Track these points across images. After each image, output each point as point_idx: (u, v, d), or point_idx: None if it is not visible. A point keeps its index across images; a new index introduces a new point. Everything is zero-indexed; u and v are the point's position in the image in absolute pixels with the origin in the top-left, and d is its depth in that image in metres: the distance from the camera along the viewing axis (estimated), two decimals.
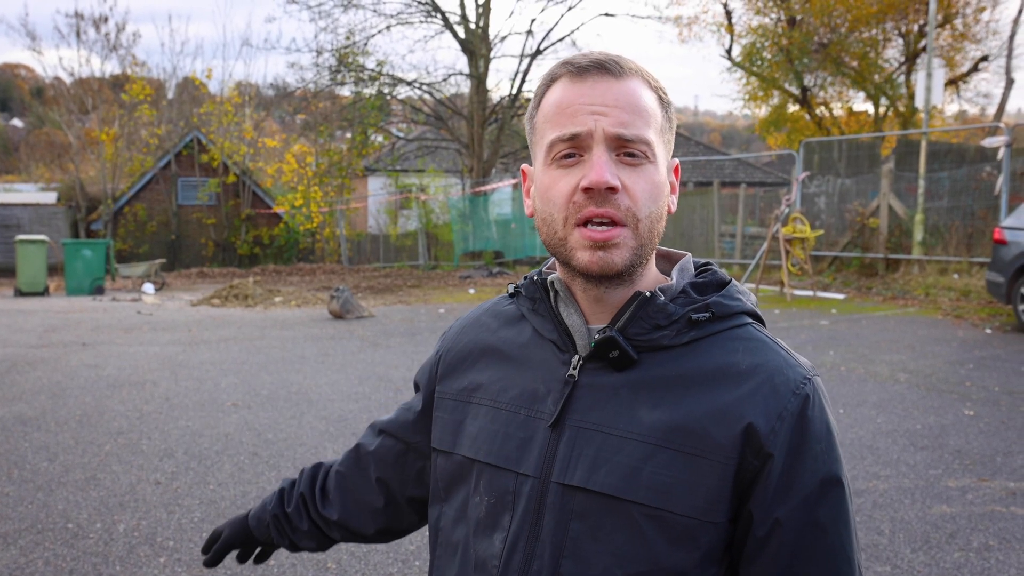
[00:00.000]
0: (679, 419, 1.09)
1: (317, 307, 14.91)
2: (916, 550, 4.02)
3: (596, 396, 1.13)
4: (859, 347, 9.22)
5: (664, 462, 1.08)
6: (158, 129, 30.92)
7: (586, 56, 1.14)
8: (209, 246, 29.67)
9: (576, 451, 1.12)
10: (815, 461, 1.09)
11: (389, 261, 27.65)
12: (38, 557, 4.02)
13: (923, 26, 23.88)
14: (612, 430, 1.11)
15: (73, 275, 19.02)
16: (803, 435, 1.09)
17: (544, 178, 1.14)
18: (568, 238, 1.12)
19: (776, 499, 1.08)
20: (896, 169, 16.17)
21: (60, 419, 6.53)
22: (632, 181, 1.09)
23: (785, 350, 1.16)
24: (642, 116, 1.10)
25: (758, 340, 1.15)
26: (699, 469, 1.07)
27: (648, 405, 1.11)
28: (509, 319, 1.29)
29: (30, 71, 68.95)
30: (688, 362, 1.13)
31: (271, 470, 5.31)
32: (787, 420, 1.08)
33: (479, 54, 23.81)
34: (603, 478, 1.09)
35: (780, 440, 1.08)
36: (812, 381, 1.13)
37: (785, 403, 1.09)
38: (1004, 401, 6.82)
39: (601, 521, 1.09)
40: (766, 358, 1.13)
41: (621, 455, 1.09)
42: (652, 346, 1.13)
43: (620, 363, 1.13)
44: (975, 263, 14.17)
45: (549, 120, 1.14)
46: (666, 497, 1.07)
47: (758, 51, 26.73)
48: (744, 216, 19.33)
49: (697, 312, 1.14)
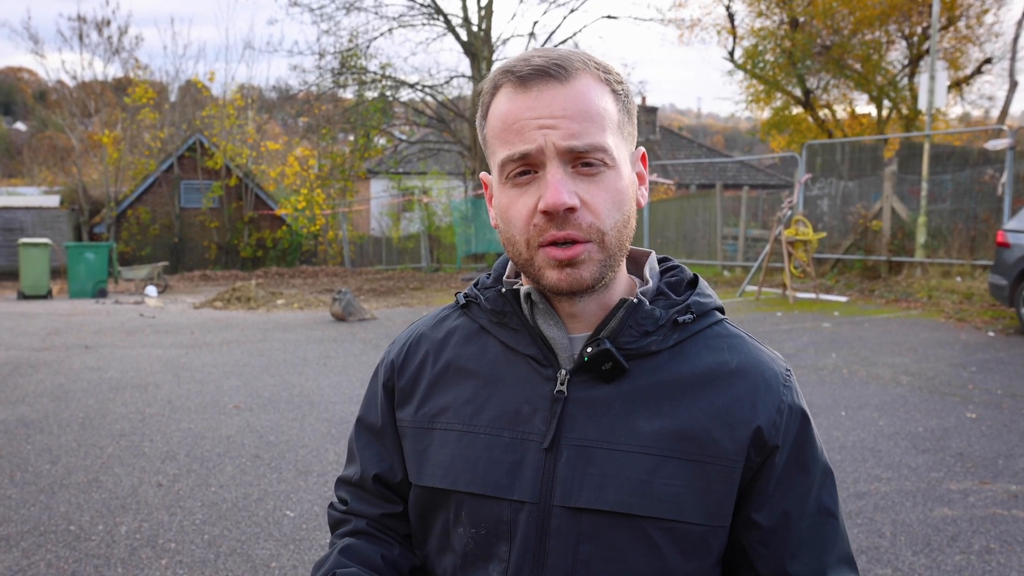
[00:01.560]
0: (681, 426, 1.06)
1: (319, 309, 14.92)
2: (917, 553, 4.01)
3: (590, 411, 1.08)
4: (861, 350, 9.21)
5: (673, 472, 1.04)
6: (161, 132, 30.98)
7: (527, 61, 1.05)
8: (212, 249, 29.72)
9: (579, 471, 1.06)
10: (816, 450, 1.14)
11: (391, 263, 27.67)
12: (40, 559, 4.02)
13: (926, 28, 23.88)
14: (614, 445, 1.06)
15: (76, 278, 19.06)
16: (804, 426, 1.12)
17: (502, 198, 1.08)
18: (534, 258, 1.06)
19: (781, 491, 1.10)
20: (899, 172, 16.15)
21: (62, 421, 6.54)
22: (592, 194, 1.03)
23: (759, 343, 1.17)
24: (595, 121, 1.02)
25: (737, 336, 1.15)
26: (708, 475, 1.06)
27: (646, 415, 1.06)
28: (466, 334, 1.21)
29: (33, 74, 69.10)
30: (678, 366, 1.09)
31: (273, 472, 5.31)
32: (785, 413, 1.11)
33: (481, 56, 23.83)
34: (613, 496, 1.04)
35: (782, 433, 1.10)
36: (791, 371, 1.16)
37: (780, 396, 1.11)
38: (1006, 404, 6.81)
39: (613, 540, 1.05)
40: (751, 354, 1.13)
41: (628, 470, 1.05)
42: (641, 353, 1.09)
43: (611, 374, 1.08)
44: (978, 266, 14.14)
45: (497, 136, 1.07)
46: (679, 508, 1.04)
47: (760, 53, 26.73)
48: (747, 218, 19.32)
49: (682, 314, 1.12)
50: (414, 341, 1.26)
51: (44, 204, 30.42)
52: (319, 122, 26.93)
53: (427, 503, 1.17)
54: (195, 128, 30.22)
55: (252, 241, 29.65)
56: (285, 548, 4.17)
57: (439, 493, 1.14)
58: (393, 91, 25.27)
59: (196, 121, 30.62)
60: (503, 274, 1.23)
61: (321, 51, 25.05)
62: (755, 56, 26.86)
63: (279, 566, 3.96)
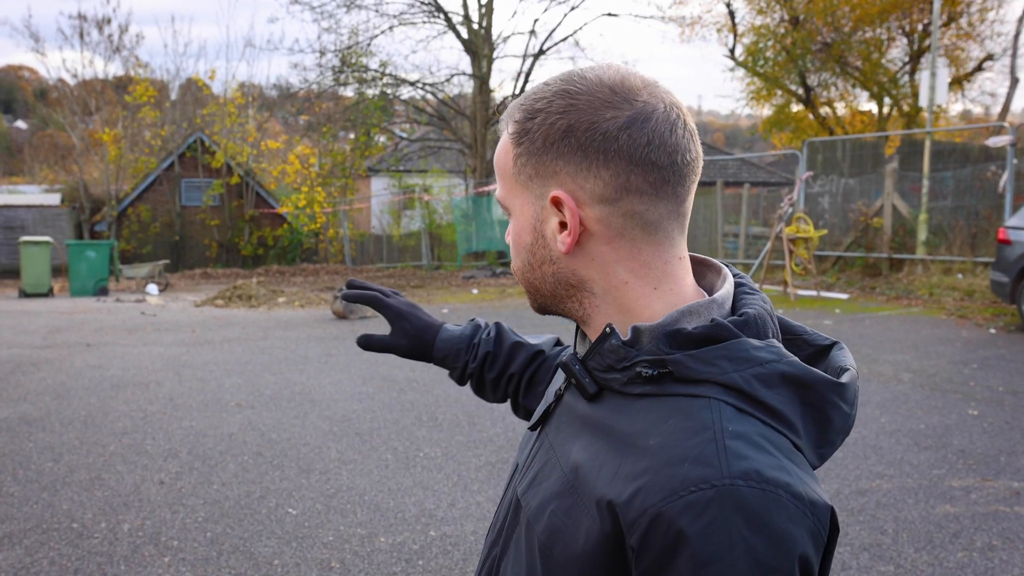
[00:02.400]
0: (583, 468, 0.97)
1: (320, 307, 14.92)
2: (920, 550, 4.02)
3: (563, 417, 1.09)
4: (863, 347, 9.21)
5: (565, 506, 0.97)
6: (161, 130, 30.99)
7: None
8: (213, 247, 29.73)
9: (534, 463, 1.09)
10: None
11: (392, 261, 27.68)
12: (43, 557, 4.03)
13: (927, 25, 23.86)
14: (555, 454, 1.05)
15: (77, 276, 19.07)
16: (673, 546, 0.84)
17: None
18: None
19: None
20: (900, 169, 16.15)
21: (65, 419, 6.55)
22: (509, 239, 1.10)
23: (721, 444, 0.87)
24: (500, 175, 1.08)
25: (696, 421, 0.90)
26: (580, 525, 0.95)
27: (582, 444, 1.01)
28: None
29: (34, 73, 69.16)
30: (624, 416, 0.98)
31: (275, 470, 5.32)
32: (650, 518, 0.86)
33: (482, 54, 23.82)
34: (530, 499, 1.04)
35: (638, 537, 0.87)
36: (720, 488, 0.84)
37: (656, 500, 0.86)
38: (1008, 401, 6.81)
39: (524, 536, 1.04)
40: (682, 443, 0.89)
41: (548, 482, 1.03)
42: (607, 386, 1.02)
43: (582, 392, 1.04)
44: (979, 263, 14.15)
45: None
46: (553, 540, 0.97)
47: (761, 51, 26.72)
48: (748, 216, 19.32)
49: (647, 367, 0.96)
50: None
51: (45, 202, 30.43)
52: (320, 120, 26.93)
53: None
54: (196, 126, 30.22)
55: (253, 239, 29.66)
56: (288, 546, 4.18)
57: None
58: (393, 89, 25.26)
59: (197, 119, 30.62)
60: None
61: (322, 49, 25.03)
62: (756, 54, 26.85)
63: (281, 564, 3.97)
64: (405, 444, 5.88)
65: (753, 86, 28.68)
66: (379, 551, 4.11)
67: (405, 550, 4.11)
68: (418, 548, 4.14)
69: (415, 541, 4.22)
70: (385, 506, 4.72)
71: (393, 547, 4.16)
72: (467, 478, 5.16)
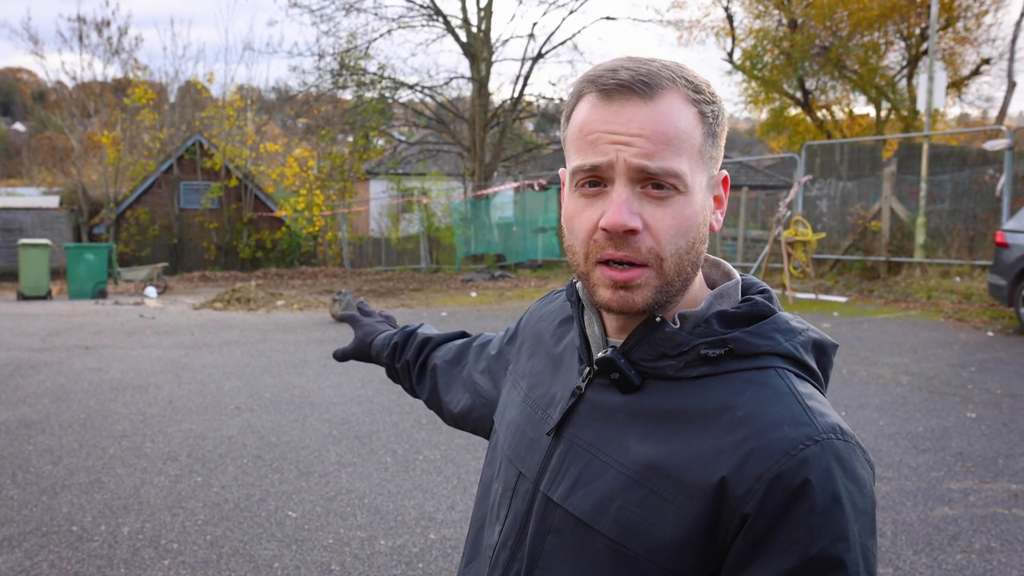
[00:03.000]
0: (661, 458, 1.00)
1: (319, 310, 14.92)
2: (918, 552, 4.03)
3: (594, 414, 1.08)
4: (861, 350, 9.23)
5: (637, 499, 1.00)
6: (160, 133, 31.00)
7: (614, 73, 1.02)
8: (211, 250, 29.73)
9: (564, 466, 1.08)
10: (803, 534, 0.92)
11: (391, 264, 27.67)
12: (43, 560, 4.03)
13: (925, 29, 23.90)
14: (599, 453, 1.06)
15: (76, 279, 19.06)
16: (791, 502, 0.92)
17: (569, 205, 1.08)
18: (590, 274, 1.05)
19: (741, 567, 0.95)
20: (898, 172, 16.18)
21: (64, 422, 6.55)
22: (657, 218, 1.01)
23: (804, 405, 0.98)
24: (672, 144, 1.00)
25: (772, 388, 1.00)
26: (666, 514, 0.98)
27: (638, 435, 1.03)
28: (562, 316, 1.31)
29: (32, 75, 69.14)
30: (689, 398, 1.03)
31: (274, 473, 5.32)
32: (768, 481, 0.93)
33: (481, 57, 23.85)
34: (579, 501, 1.05)
35: (756, 502, 0.93)
36: (823, 443, 0.95)
37: (772, 463, 0.94)
38: (1006, 404, 6.83)
39: (572, 541, 1.05)
40: (770, 409, 0.98)
41: (599, 481, 1.04)
42: (656, 374, 1.05)
43: (621, 385, 1.06)
44: (977, 266, 14.17)
45: (574, 143, 1.06)
46: (628, 533, 1.00)
47: (759, 55, 26.74)
48: (746, 219, 19.34)
49: (711, 347, 1.03)
50: (546, 305, 1.39)
51: (43, 205, 30.43)
52: (318, 123, 26.96)
53: (493, 449, 1.31)
54: (194, 129, 30.24)
55: (251, 242, 29.66)
56: (287, 548, 4.18)
57: (495, 448, 1.28)
58: (392, 92, 25.28)
59: (195, 122, 30.65)
60: None
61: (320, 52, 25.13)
62: (754, 58, 26.87)
63: (281, 566, 3.97)
64: (405, 447, 5.88)
65: (750, 90, 28.71)
66: (379, 554, 4.11)
67: (405, 553, 4.12)
68: (418, 551, 4.14)
69: (415, 544, 4.22)
70: (385, 509, 4.72)
71: (393, 550, 4.16)
72: (466, 481, 5.17)
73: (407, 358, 1.73)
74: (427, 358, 1.71)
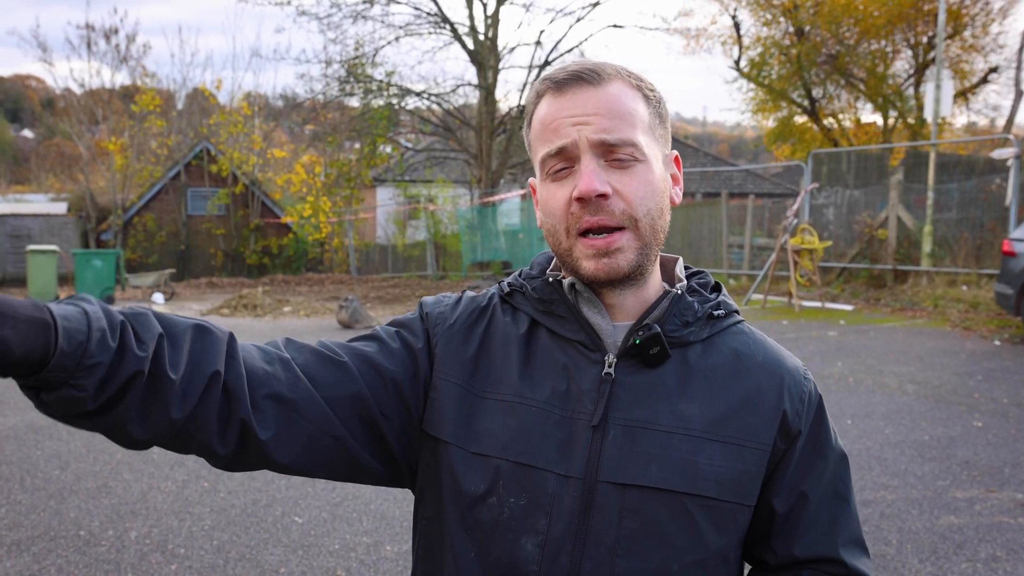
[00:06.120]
0: (719, 411, 1.16)
1: (326, 317, 14.96)
2: (924, 561, 4.03)
3: (635, 394, 1.15)
4: (867, 358, 9.21)
5: (713, 453, 1.13)
6: (168, 140, 31.09)
7: (564, 69, 1.16)
8: (218, 256, 29.80)
9: (625, 449, 1.13)
10: (831, 436, 1.24)
11: (397, 271, 27.71)
12: (51, 564, 4.05)
13: (932, 37, 23.89)
14: (657, 426, 1.14)
15: (83, 285, 19.11)
16: (820, 413, 1.23)
17: (543, 192, 1.18)
18: (573, 248, 1.14)
19: (799, 474, 1.20)
20: (905, 180, 16.16)
21: (71, 428, 6.56)
22: (624, 184, 1.11)
23: (774, 342, 1.28)
24: (625, 119, 1.12)
25: (757, 334, 1.26)
26: (743, 457, 1.15)
27: (686, 399, 1.15)
28: (512, 318, 1.25)
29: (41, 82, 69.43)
30: (712, 357, 1.19)
31: (281, 478, 5.33)
32: (806, 401, 1.21)
33: (488, 65, 23.89)
34: (658, 473, 1.12)
35: (804, 419, 1.20)
36: (806, 367, 1.27)
37: (803, 386, 1.22)
38: (1012, 413, 6.81)
39: (656, 516, 1.11)
40: (772, 350, 1.25)
41: (671, 449, 1.13)
42: (680, 342, 1.18)
43: (656, 360, 1.16)
44: (984, 275, 14.13)
45: (538, 137, 1.17)
46: (719, 487, 1.13)
47: (767, 63, 26.74)
48: (752, 227, 19.33)
49: (715, 309, 1.22)
50: (466, 304, 1.29)
51: (51, 211, 30.50)
52: (325, 130, 26.99)
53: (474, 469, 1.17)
54: (202, 136, 30.33)
55: (258, 248, 29.73)
56: (294, 554, 4.19)
57: (486, 460, 1.16)
58: (399, 99, 25.33)
59: (203, 129, 30.74)
60: (547, 267, 1.29)
61: (328, 59, 25.08)
62: (761, 66, 26.88)
63: (287, 572, 3.99)
64: None
65: (757, 99, 28.70)
66: (385, 559, 4.12)
67: (411, 559, 4.12)
68: None
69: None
70: (391, 514, 4.73)
71: (399, 555, 4.17)
72: None
73: (217, 367, 1.09)
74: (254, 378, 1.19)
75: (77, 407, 0.95)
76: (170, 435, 1.04)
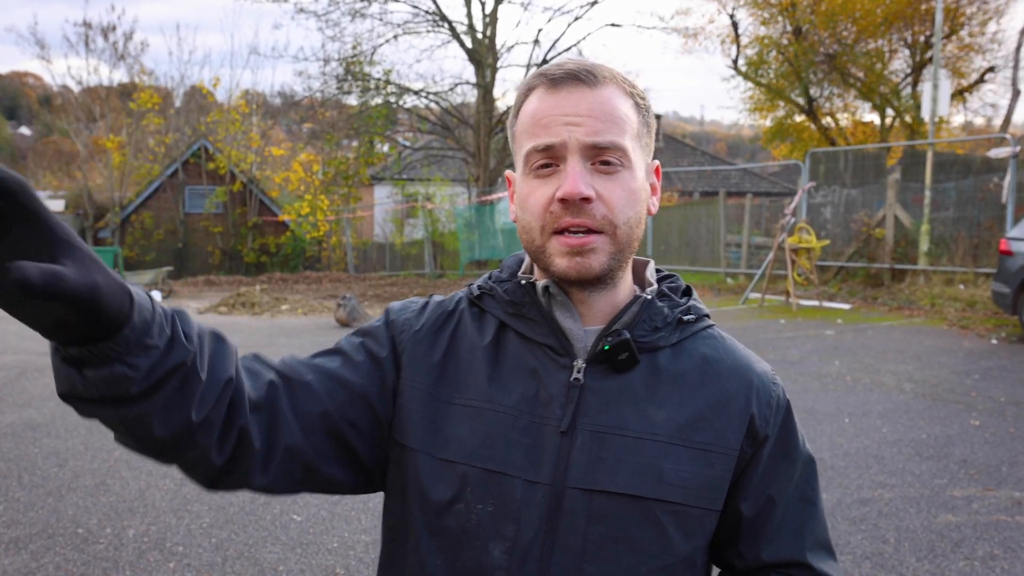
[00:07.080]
0: (686, 416, 1.15)
1: (324, 315, 14.95)
2: (921, 559, 4.03)
3: (604, 399, 1.14)
4: (865, 357, 9.23)
5: (679, 458, 1.13)
6: (165, 137, 31.09)
7: (560, 66, 1.15)
8: (216, 254, 29.78)
9: (594, 455, 1.11)
10: (799, 441, 1.24)
11: (395, 269, 27.70)
12: (49, 562, 4.05)
13: (929, 37, 23.92)
14: (627, 431, 1.12)
15: None
16: (788, 418, 1.23)
17: (523, 187, 1.16)
18: (546, 245, 1.13)
19: (767, 479, 1.20)
20: (902, 180, 16.17)
21: (69, 425, 6.57)
22: (608, 189, 1.11)
23: (744, 347, 1.28)
24: (616, 123, 1.12)
25: (727, 339, 1.26)
26: (709, 462, 1.14)
27: (655, 404, 1.14)
28: (481, 322, 1.23)
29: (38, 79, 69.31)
30: (681, 362, 1.19)
31: None
32: (774, 406, 1.21)
33: (486, 64, 23.89)
34: (625, 479, 1.11)
35: (772, 424, 1.20)
36: (775, 372, 1.28)
37: (771, 391, 1.22)
38: (1010, 411, 6.83)
39: (623, 521, 1.11)
40: (741, 354, 1.25)
41: (639, 455, 1.12)
42: (650, 347, 1.17)
43: (625, 365, 1.14)
44: (981, 274, 14.15)
45: (526, 130, 1.15)
46: (685, 492, 1.12)
47: (765, 62, 26.75)
48: (750, 226, 19.34)
49: (685, 314, 1.21)
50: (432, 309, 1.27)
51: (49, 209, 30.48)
52: (323, 128, 27.00)
53: (440, 476, 1.15)
54: (200, 133, 30.31)
55: (256, 246, 29.72)
56: (292, 552, 4.20)
57: (452, 466, 1.15)
58: (397, 97, 25.32)
59: (201, 126, 30.71)
60: (517, 270, 1.28)
61: (326, 57, 25.10)
62: (759, 65, 26.88)
63: (286, 570, 3.99)
64: None
65: (754, 98, 28.72)
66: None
67: None
68: None
69: None
70: None
71: None
72: None
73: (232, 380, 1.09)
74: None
75: (123, 387, 0.91)
76: (182, 436, 1.01)
